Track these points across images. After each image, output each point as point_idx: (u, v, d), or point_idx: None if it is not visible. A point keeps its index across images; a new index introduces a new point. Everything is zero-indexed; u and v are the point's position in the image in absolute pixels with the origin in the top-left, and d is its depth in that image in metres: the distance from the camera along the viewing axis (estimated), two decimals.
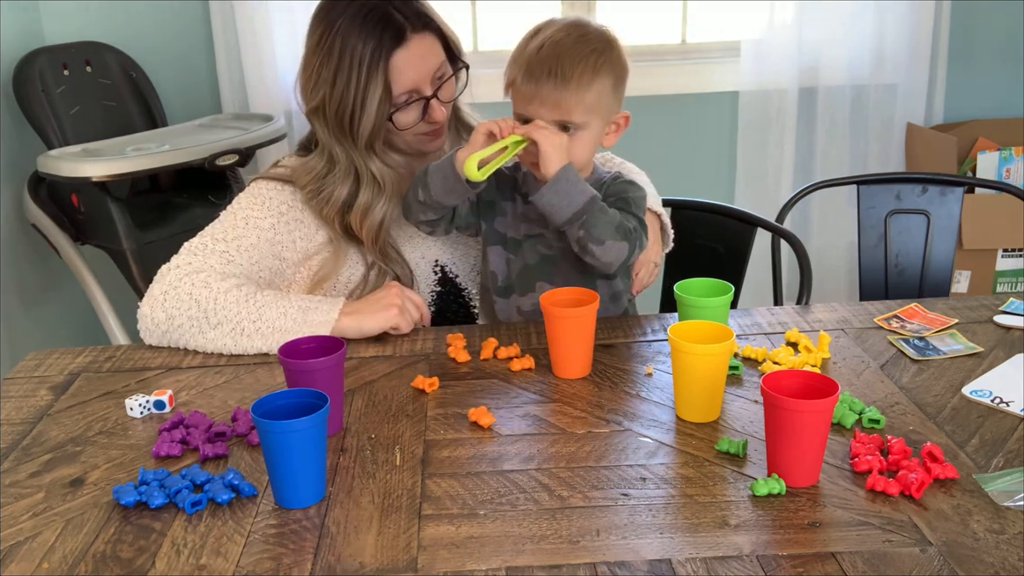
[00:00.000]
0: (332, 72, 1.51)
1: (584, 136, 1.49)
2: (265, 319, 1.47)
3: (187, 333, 1.49)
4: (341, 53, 1.50)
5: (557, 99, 1.45)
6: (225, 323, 1.47)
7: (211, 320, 1.47)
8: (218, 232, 1.56)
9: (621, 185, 1.55)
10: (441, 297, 1.69)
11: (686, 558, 0.99)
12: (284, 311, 1.47)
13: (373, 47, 1.50)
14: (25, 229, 2.75)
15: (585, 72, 1.45)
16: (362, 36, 1.50)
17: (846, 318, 1.57)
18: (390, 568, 0.99)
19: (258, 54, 2.91)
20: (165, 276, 1.51)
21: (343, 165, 1.57)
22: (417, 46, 1.53)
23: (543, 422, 1.27)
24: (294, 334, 1.44)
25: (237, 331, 1.47)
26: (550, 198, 1.45)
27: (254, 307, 1.47)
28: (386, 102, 1.53)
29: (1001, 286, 2.95)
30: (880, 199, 2.13)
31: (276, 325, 1.47)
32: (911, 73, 3.06)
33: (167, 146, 2.52)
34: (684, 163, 3.17)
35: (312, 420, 1.07)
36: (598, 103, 1.48)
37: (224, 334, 1.48)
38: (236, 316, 1.47)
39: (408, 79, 1.53)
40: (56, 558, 1.03)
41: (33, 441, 1.27)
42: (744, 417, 1.27)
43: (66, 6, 2.94)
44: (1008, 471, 1.12)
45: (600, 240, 1.45)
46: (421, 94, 1.56)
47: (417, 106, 1.57)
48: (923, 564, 0.97)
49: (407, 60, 1.52)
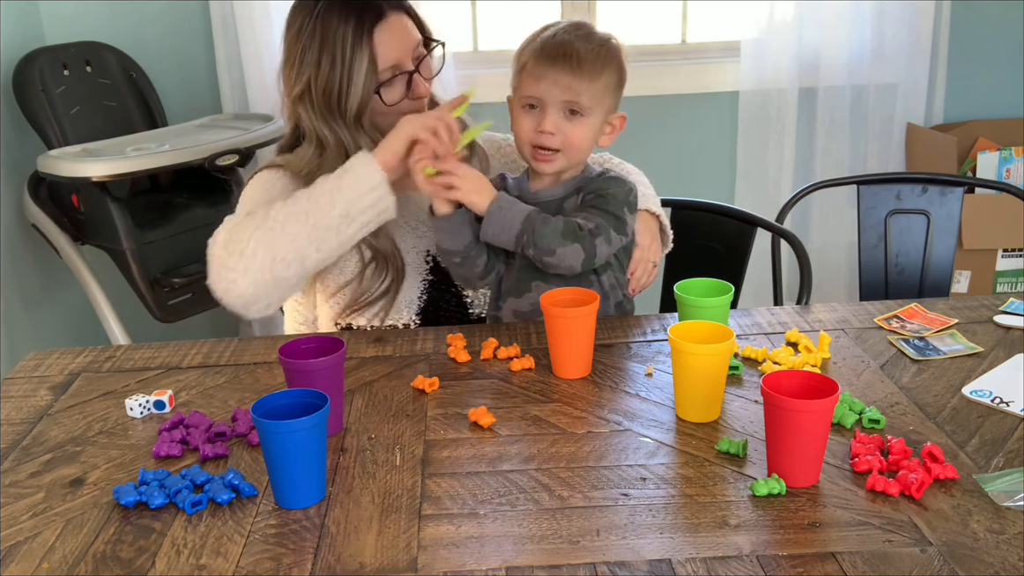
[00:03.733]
0: (316, 54, 1.54)
1: (586, 123, 1.52)
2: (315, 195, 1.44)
3: (260, 261, 1.41)
4: (323, 35, 1.54)
5: (569, 81, 1.49)
6: (289, 220, 1.42)
7: (275, 228, 1.42)
8: (239, 211, 1.56)
9: (602, 181, 1.57)
10: (433, 287, 1.68)
11: (686, 558, 0.99)
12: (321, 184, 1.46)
13: (355, 24, 1.53)
14: (25, 229, 2.75)
15: (597, 60, 1.50)
16: (343, 16, 1.54)
17: (846, 318, 1.57)
18: (390, 568, 0.99)
19: (258, 54, 2.91)
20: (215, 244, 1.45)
21: (332, 147, 1.57)
22: (396, 22, 1.57)
23: (543, 422, 1.27)
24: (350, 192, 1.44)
25: (302, 219, 1.43)
26: (490, 232, 1.50)
27: (301, 198, 1.45)
28: (372, 75, 1.55)
29: (1001, 286, 2.95)
30: (880, 199, 2.13)
31: (330, 195, 1.44)
32: (911, 73, 3.06)
33: (167, 146, 2.52)
34: (684, 163, 3.16)
35: (312, 420, 1.07)
36: (604, 94, 1.52)
37: (292, 224, 1.42)
38: (293, 213, 1.43)
39: (392, 53, 1.56)
40: (56, 558, 1.03)
41: (33, 441, 1.27)
42: (744, 417, 1.27)
43: (66, 6, 2.94)
44: (1008, 471, 1.12)
45: (550, 250, 1.48)
46: (404, 69, 1.58)
47: (401, 82, 1.59)
48: (923, 564, 0.97)
49: (389, 34, 1.56)
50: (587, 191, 1.56)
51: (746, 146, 3.12)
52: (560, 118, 1.51)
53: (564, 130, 1.51)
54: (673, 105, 3.14)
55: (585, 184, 1.57)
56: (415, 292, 1.67)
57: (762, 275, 2.05)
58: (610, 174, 1.59)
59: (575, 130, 1.52)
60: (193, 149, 2.52)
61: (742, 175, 3.15)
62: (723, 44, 3.15)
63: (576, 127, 1.52)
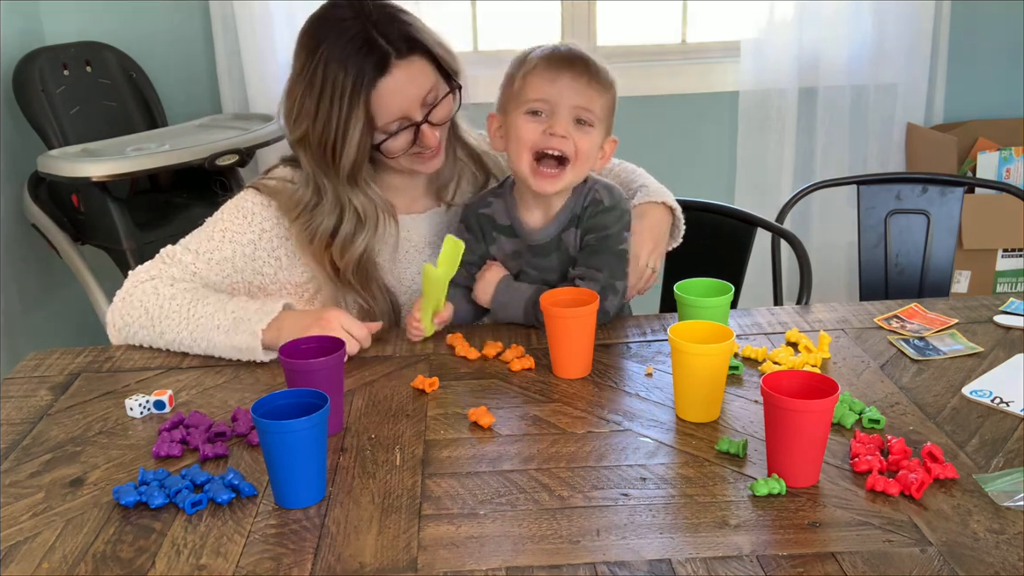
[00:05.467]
0: (315, 104, 1.49)
1: (594, 136, 1.49)
2: (201, 331, 1.47)
3: (144, 340, 1.53)
4: (323, 84, 1.47)
5: (582, 86, 1.46)
6: (168, 332, 1.49)
7: (157, 328, 1.50)
8: (193, 242, 1.56)
9: (599, 217, 1.52)
10: None
11: (686, 558, 0.99)
12: (218, 323, 1.47)
13: (355, 78, 1.46)
14: (25, 229, 2.75)
15: (607, 75, 1.49)
16: (343, 66, 1.46)
17: (846, 318, 1.57)
18: (390, 568, 0.99)
19: (258, 54, 2.91)
20: (128, 280, 1.54)
21: (330, 198, 1.54)
22: (403, 72, 1.48)
23: (543, 422, 1.27)
24: (224, 348, 1.46)
25: (177, 342, 1.49)
26: (499, 317, 1.57)
27: (193, 317, 1.48)
28: (368, 134, 1.50)
29: (1001, 286, 2.95)
30: (880, 199, 2.13)
31: (209, 338, 1.47)
32: (911, 73, 3.06)
33: (167, 146, 2.52)
34: (684, 163, 3.16)
35: (312, 420, 1.07)
36: (606, 112, 1.50)
37: (169, 343, 1.51)
38: (176, 326, 1.49)
39: (395, 108, 1.50)
40: (56, 558, 1.03)
41: (33, 441, 1.27)
42: (744, 417, 1.27)
43: (66, 6, 2.94)
44: (1008, 471, 1.12)
45: None
46: (411, 120, 1.52)
47: (407, 132, 1.52)
48: (923, 564, 0.97)
49: (392, 89, 1.48)
50: (585, 229, 1.53)
51: (746, 146, 3.12)
52: (570, 125, 1.46)
53: (574, 138, 1.46)
54: (673, 105, 3.14)
55: (579, 213, 1.53)
56: None
57: (762, 275, 2.05)
58: (602, 205, 1.52)
59: (584, 140, 1.46)
60: (193, 149, 2.52)
61: (742, 175, 3.15)
62: (723, 44, 3.15)
63: (585, 137, 1.47)
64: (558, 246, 1.55)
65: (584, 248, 1.54)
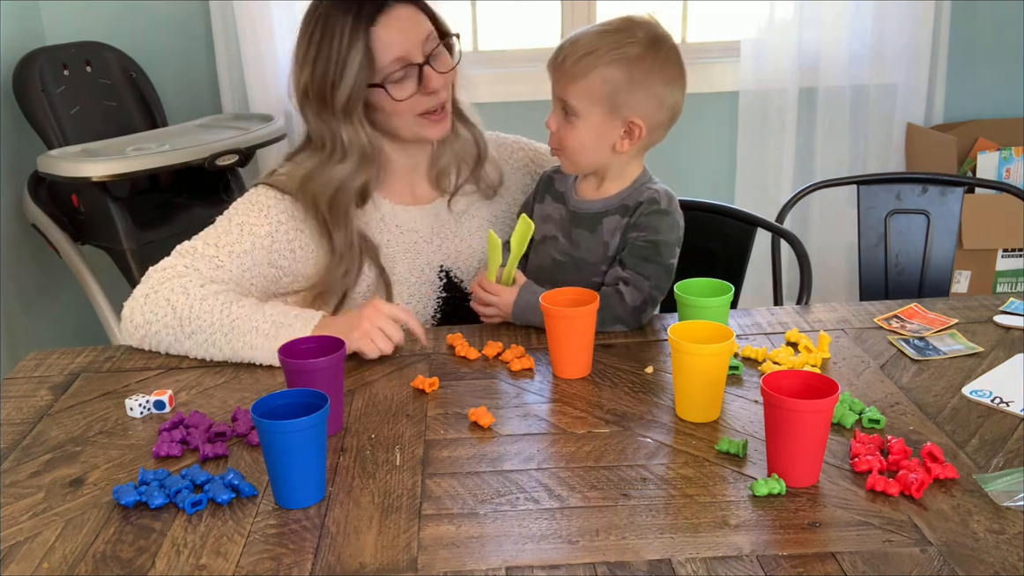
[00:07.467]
0: (316, 50, 1.53)
1: (579, 125, 1.50)
2: (237, 332, 1.45)
3: (164, 340, 1.49)
4: (324, 30, 1.52)
5: (556, 77, 1.51)
6: (199, 333, 1.46)
7: (185, 329, 1.46)
8: (211, 236, 1.56)
9: (654, 218, 1.52)
10: (447, 303, 1.68)
11: (686, 558, 0.99)
12: (257, 325, 1.45)
13: (354, 16, 1.51)
14: (25, 229, 2.75)
15: (585, 58, 1.47)
16: (342, 9, 1.52)
17: (846, 318, 1.57)
18: (390, 568, 0.99)
19: (258, 54, 2.91)
20: (150, 278, 1.52)
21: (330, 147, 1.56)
22: (401, 11, 1.54)
23: (543, 422, 1.27)
24: (266, 352, 1.44)
25: (209, 343, 1.46)
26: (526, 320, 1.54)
27: (227, 319, 1.45)
28: (366, 69, 1.52)
29: (1001, 286, 2.95)
30: (880, 199, 2.13)
31: (247, 341, 1.44)
32: (911, 73, 3.06)
33: (167, 146, 2.52)
34: (684, 163, 3.16)
35: (312, 420, 1.07)
36: (598, 92, 1.47)
37: (197, 344, 1.47)
38: (209, 327, 1.45)
39: (396, 47, 1.53)
40: (56, 558, 1.03)
41: (33, 441, 1.27)
42: (744, 417, 1.27)
43: (66, 6, 2.94)
44: (1008, 471, 1.12)
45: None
46: (411, 61, 1.54)
47: (412, 77, 1.55)
48: (923, 564, 0.97)
49: (391, 27, 1.53)
50: (634, 225, 1.52)
51: (746, 146, 3.12)
52: (560, 118, 1.52)
53: (560, 130, 1.52)
54: None
55: (632, 205, 1.53)
56: (430, 311, 1.67)
57: (762, 275, 2.05)
58: (658, 206, 1.52)
59: (567, 131, 1.51)
60: (193, 149, 2.52)
61: (742, 175, 3.15)
62: (723, 44, 3.15)
63: (568, 129, 1.51)
64: (596, 227, 1.55)
65: (633, 249, 1.52)
